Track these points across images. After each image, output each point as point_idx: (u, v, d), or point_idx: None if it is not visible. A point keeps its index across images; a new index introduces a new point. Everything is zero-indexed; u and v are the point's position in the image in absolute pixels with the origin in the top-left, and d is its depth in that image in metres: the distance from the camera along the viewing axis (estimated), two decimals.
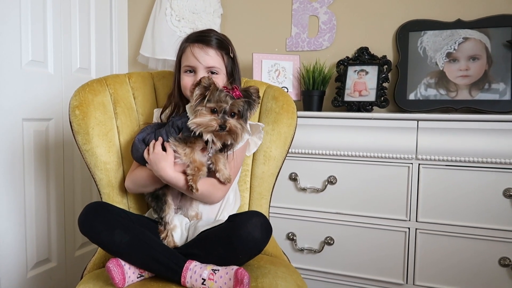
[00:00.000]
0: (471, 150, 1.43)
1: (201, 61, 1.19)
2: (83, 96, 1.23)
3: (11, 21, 1.53)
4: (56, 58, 1.75)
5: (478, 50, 1.69)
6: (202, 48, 1.20)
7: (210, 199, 1.18)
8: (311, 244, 1.65)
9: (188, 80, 1.21)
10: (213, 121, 1.06)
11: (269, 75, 1.86)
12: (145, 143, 1.17)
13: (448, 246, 1.48)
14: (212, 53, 1.20)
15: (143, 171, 1.17)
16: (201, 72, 1.19)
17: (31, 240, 1.66)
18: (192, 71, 1.21)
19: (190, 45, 1.21)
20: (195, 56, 1.19)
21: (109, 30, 2.12)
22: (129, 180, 1.22)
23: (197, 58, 1.19)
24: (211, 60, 1.20)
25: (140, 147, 1.17)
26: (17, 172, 1.59)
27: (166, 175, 1.08)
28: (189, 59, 1.21)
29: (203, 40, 1.21)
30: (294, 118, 1.35)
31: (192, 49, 1.20)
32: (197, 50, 1.20)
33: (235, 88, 1.10)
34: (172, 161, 1.10)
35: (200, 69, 1.19)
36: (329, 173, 1.61)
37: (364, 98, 1.76)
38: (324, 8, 1.94)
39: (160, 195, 1.16)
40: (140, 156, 1.16)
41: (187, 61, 1.21)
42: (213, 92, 1.07)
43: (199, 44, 1.20)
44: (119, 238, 1.02)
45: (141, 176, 1.17)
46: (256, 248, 1.01)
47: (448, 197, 1.47)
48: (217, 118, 1.06)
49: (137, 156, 1.18)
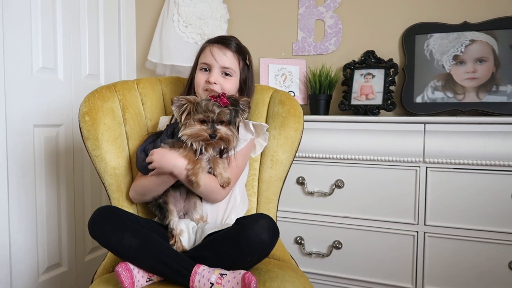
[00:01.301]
0: (479, 152, 1.42)
1: (217, 59, 1.23)
2: (93, 102, 1.25)
3: (22, 29, 1.56)
4: (66, 65, 1.78)
5: (485, 52, 1.69)
6: (221, 49, 1.24)
7: (214, 195, 1.18)
8: (319, 248, 1.65)
9: (202, 77, 1.25)
10: (202, 131, 1.09)
11: (275, 80, 1.87)
12: (145, 152, 1.20)
13: (457, 249, 1.47)
14: (229, 54, 1.24)
15: (142, 180, 1.21)
16: (216, 71, 1.23)
17: (42, 245, 1.69)
18: (207, 69, 1.25)
19: (210, 45, 1.26)
20: (212, 55, 1.23)
21: (118, 37, 2.15)
22: (132, 190, 1.26)
23: (214, 57, 1.23)
24: (228, 60, 1.24)
25: (140, 156, 1.20)
26: (29, 178, 1.62)
27: (175, 163, 1.10)
28: (206, 57, 1.25)
29: (223, 42, 1.26)
30: (301, 122, 1.35)
31: (211, 48, 1.25)
32: (216, 49, 1.24)
33: (222, 95, 1.11)
34: (176, 154, 1.12)
35: (215, 67, 1.23)
36: (336, 177, 1.61)
37: (371, 102, 1.76)
38: (330, 12, 1.95)
39: (161, 203, 1.19)
40: (140, 165, 1.19)
41: (204, 58, 1.26)
42: (196, 104, 1.09)
43: (218, 44, 1.25)
44: (128, 242, 1.03)
45: (141, 185, 1.21)
46: (263, 250, 1.01)
47: (457, 200, 1.46)
48: (207, 128, 1.09)
49: (138, 166, 1.21)
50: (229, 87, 1.24)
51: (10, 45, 1.51)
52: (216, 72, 1.23)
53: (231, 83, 1.25)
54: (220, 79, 1.24)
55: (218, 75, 1.24)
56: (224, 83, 1.23)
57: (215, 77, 1.23)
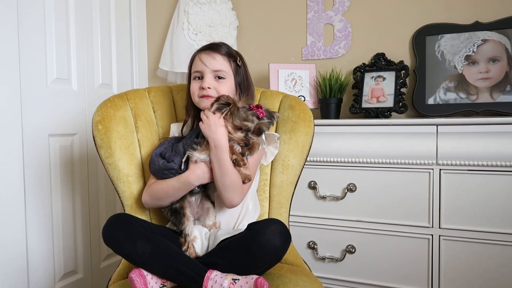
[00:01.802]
0: (494, 153, 1.40)
1: (207, 64, 1.22)
2: (105, 111, 1.28)
3: (37, 41, 1.61)
4: (80, 75, 1.82)
5: (498, 51, 1.66)
6: (209, 54, 1.24)
7: (234, 192, 1.16)
8: (333, 253, 1.64)
9: (196, 85, 1.24)
10: (240, 139, 1.15)
11: (285, 84, 1.87)
12: (162, 157, 1.20)
13: (473, 253, 1.44)
14: (218, 57, 1.24)
15: (160, 185, 1.19)
16: (208, 75, 1.22)
17: (58, 252, 1.71)
18: (200, 77, 1.25)
19: (199, 53, 1.26)
20: (202, 61, 1.23)
21: (129, 46, 2.18)
22: (146, 194, 1.23)
23: (204, 63, 1.23)
24: (217, 63, 1.23)
25: (157, 160, 1.19)
26: (45, 186, 1.65)
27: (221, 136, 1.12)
28: (197, 65, 1.25)
29: (211, 48, 1.26)
30: (311, 127, 1.35)
31: (200, 56, 1.25)
32: (204, 55, 1.24)
33: (260, 107, 1.15)
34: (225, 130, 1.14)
35: (207, 72, 1.22)
36: (348, 181, 1.60)
37: (382, 104, 1.75)
38: (339, 16, 1.95)
39: (178, 208, 1.19)
40: (157, 168, 1.19)
41: (195, 67, 1.25)
42: (235, 111, 1.13)
43: (206, 50, 1.25)
44: (141, 249, 1.04)
45: (159, 189, 1.19)
46: (275, 255, 1.01)
47: (472, 203, 1.44)
48: (243, 137, 1.14)
49: (154, 169, 1.21)
50: (224, 89, 1.22)
51: (25, 57, 1.55)
52: (209, 77, 1.22)
53: (226, 85, 1.23)
54: (213, 83, 1.22)
55: (211, 79, 1.22)
56: (219, 87, 1.22)
57: (208, 82, 1.21)
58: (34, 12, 1.59)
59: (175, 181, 1.16)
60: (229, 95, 1.17)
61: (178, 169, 1.16)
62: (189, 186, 1.16)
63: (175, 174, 1.17)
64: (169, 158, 1.18)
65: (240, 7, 2.12)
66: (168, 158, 1.18)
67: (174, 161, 1.16)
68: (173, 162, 1.16)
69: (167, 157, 1.18)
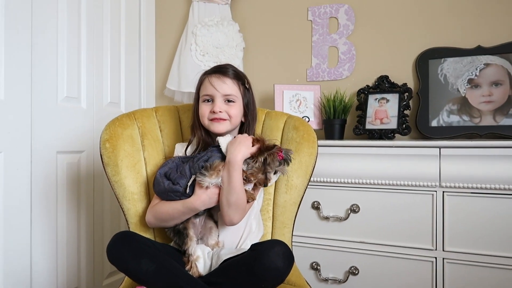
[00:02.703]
0: (497, 176, 1.40)
1: (218, 89, 1.25)
2: (113, 130, 1.30)
3: (49, 60, 1.65)
4: (89, 94, 1.86)
5: (500, 75, 1.69)
6: (220, 78, 1.27)
7: (238, 211, 1.17)
8: (336, 274, 1.63)
9: (206, 108, 1.27)
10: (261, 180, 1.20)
11: (290, 105, 1.90)
12: (167, 177, 1.21)
13: (477, 276, 1.43)
14: (229, 82, 1.27)
15: (165, 207, 1.20)
16: (219, 100, 1.25)
17: (61, 268, 1.72)
18: (209, 100, 1.28)
19: (208, 76, 1.29)
20: (212, 85, 1.26)
21: (138, 66, 2.23)
22: (150, 215, 1.24)
23: (215, 87, 1.25)
24: (228, 88, 1.26)
25: (161, 181, 1.20)
26: (51, 202, 1.67)
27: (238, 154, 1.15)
28: (207, 88, 1.27)
29: (220, 71, 1.29)
30: (315, 147, 1.37)
31: (210, 79, 1.27)
32: (215, 79, 1.27)
33: (280, 150, 1.19)
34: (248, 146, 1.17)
35: (217, 97, 1.25)
36: (352, 202, 1.60)
37: (386, 126, 1.77)
38: (343, 39, 1.99)
39: (181, 229, 1.19)
40: (162, 189, 1.20)
41: (205, 90, 1.28)
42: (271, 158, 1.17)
43: (216, 74, 1.28)
44: (145, 267, 1.05)
45: (163, 212, 1.20)
46: (278, 277, 1.01)
47: (475, 226, 1.44)
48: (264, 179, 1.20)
49: (159, 190, 1.21)
50: (234, 112, 1.27)
51: (37, 76, 1.59)
52: (220, 101, 1.25)
53: (235, 108, 1.27)
54: (224, 106, 1.26)
55: (222, 103, 1.26)
56: (229, 110, 1.26)
57: (219, 106, 1.25)
58: (47, 33, 1.64)
59: (180, 205, 1.17)
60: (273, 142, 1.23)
61: (183, 192, 1.16)
62: (194, 211, 1.18)
63: (180, 197, 1.17)
64: (174, 180, 1.18)
65: (246, 29, 2.17)
66: (173, 180, 1.19)
67: (179, 183, 1.17)
68: (178, 184, 1.17)
69: (173, 179, 1.19)
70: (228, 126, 1.27)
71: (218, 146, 1.21)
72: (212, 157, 1.18)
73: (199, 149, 1.30)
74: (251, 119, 1.33)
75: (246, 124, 1.33)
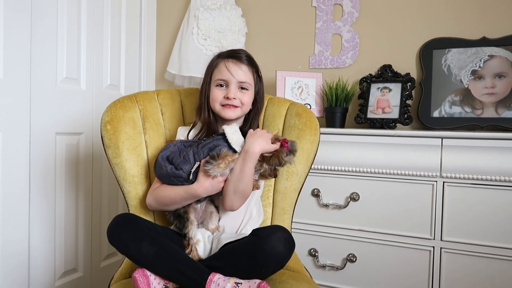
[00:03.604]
0: (498, 168, 1.41)
1: (234, 75, 1.24)
2: (115, 112, 1.29)
3: (49, 42, 1.63)
4: (89, 76, 1.84)
5: (504, 67, 1.68)
6: (236, 63, 1.25)
7: (241, 199, 1.17)
8: (333, 261, 1.65)
9: (219, 93, 1.25)
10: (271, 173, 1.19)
11: (292, 92, 1.89)
12: (170, 161, 1.19)
13: (474, 266, 1.45)
14: (244, 68, 1.26)
15: (166, 191, 1.19)
16: (233, 86, 1.24)
17: (59, 250, 1.72)
18: (223, 85, 1.26)
19: (225, 60, 1.26)
20: (229, 70, 1.24)
21: (138, 49, 2.21)
22: (151, 198, 1.23)
23: (231, 72, 1.24)
24: (244, 75, 1.25)
25: (163, 165, 1.18)
26: (49, 184, 1.66)
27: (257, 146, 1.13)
28: (222, 73, 1.25)
29: (237, 57, 1.27)
30: (317, 135, 1.37)
31: (226, 64, 1.25)
32: (231, 64, 1.25)
33: (286, 141, 1.17)
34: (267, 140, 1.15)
35: (232, 83, 1.24)
36: (351, 190, 1.61)
37: (387, 115, 1.76)
38: (347, 27, 1.97)
39: (181, 213, 1.19)
40: (164, 173, 1.18)
41: (220, 75, 1.25)
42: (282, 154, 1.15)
43: (233, 59, 1.26)
44: (146, 250, 1.05)
45: (165, 196, 1.19)
46: (279, 262, 1.02)
47: (474, 216, 1.45)
48: (273, 170, 1.18)
49: (161, 174, 1.20)
50: (247, 100, 1.26)
51: (37, 57, 1.57)
52: (234, 88, 1.24)
53: (248, 96, 1.26)
54: (238, 93, 1.25)
55: (236, 90, 1.24)
56: (242, 97, 1.25)
57: (234, 93, 1.23)
58: (47, 13, 1.61)
59: (182, 191, 1.16)
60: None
61: (186, 178, 1.15)
62: (196, 198, 1.17)
63: (182, 183, 1.16)
64: (177, 165, 1.17)
65: (249, 14, 2.14)
66: (176, 164, 1.17)
67: (182, 169, 1.16)
68: (181, 170, 1.16)
69: (176, 164, 1.17)
70: (238, 113, 1.26)
71: (223, 134, 1.19)
72: (219, 146, 1.16)
73: (202, 133, 1.29)
74: (259, 107, 1.32)
75: (253, 112, 1.32)
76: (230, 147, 1.17)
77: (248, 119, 1.32)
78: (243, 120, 1.33)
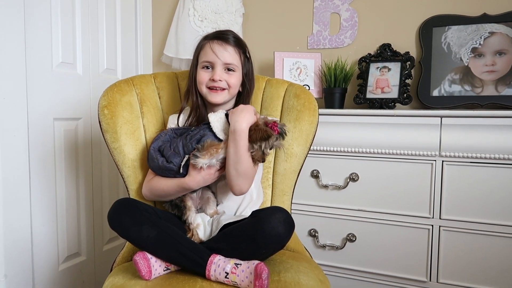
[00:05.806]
0: (497, 146, 1.41)
1: (219, 56, 1.22)
2: (111, 96, 1.28)
3: (42, 25, 1.60)
4: (85, 60, 1.82)
5: (504, 44, 1.66)
6: (222, 45, 1.23)
7: (245, 180, 1.15)
8: (333, 241, 1.66)
9: (205, 75, 1.24)
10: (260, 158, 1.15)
11: (290, 73, 1.87)
12: (161, 153, 1.19)
13: (473, 244, 1.46)
14: (230, 49, 1.23)
15: (160, 183, 1.19)
16: (219, 68, 1.22)
17: (62, 235, 1.73)
18: (209, 67, 1.24)
19: (210, 42, 1.24)
20: (214, 52, 1.22)
21: (134, 32, 2.17)
22: (146, 189, 1.24)
23: (216, 54, 1.21)
24: (230, 56, 1.23)
25: (155, 157, 1.18)
26: (49, 170, 1.66)
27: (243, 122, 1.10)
28: (207, 55, 1.23)
29: (222, 38, 1.24)
30: (316, 116, 1.36)
31: (211, 45, 1.23)
32: (217, 46, 1.22)
33: (275, 124, 1.14)
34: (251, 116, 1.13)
35: (218, 65, 1.22)
36: (351, 170, 1.61)
37: (387, 95, 1.75)
38: (346, 5, 1.94)
39: (178, 202, 1.19)
40: (156, 166, 1.18)
41: (206, 57, 1.24)
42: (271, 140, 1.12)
43: (218, 41, 1.23)
44: (146, 233, 1.06)
45: (159, 188, 1.19)
46: (279, 243, 1.03)
47: (473, 195, 1.45)
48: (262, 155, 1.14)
49: (154, 166, 1.20)
50: (234, 81, 1.24)
51: (31, 41, 1.55)
52: (220, 69, 1.22)
53: (235, 77, 1.24)
54: (224, 75, 1.22)
55: (222, 71, 1.22)
56: (229, 79, 1.23)
57: (219, 74, 1.21)
58: None
59: (175, 184, 1.16)
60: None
61: (177, 171, 1.15)
62: (189, 190, 1.17)
63: (174, 175, 1.16)
64: (168, 157, 1.17)
65: None
66: (167, 157, 1.17)
67: (173, 162, 1.15)
68: (172, 163, 1.15)
69: (166, 156, 1.17)
70: (225, 97, 1.25)
71: (208, 123, 1.17)
72: (204, 136, 1.15)
73: (191, 119, 1.28)
74: (249, 89, 1.30)
75: (243, 94, 1.30)
76: (215, 136, 1.15)
77: (238, 102, 1.30)
78: (234, 103, 1.32)
